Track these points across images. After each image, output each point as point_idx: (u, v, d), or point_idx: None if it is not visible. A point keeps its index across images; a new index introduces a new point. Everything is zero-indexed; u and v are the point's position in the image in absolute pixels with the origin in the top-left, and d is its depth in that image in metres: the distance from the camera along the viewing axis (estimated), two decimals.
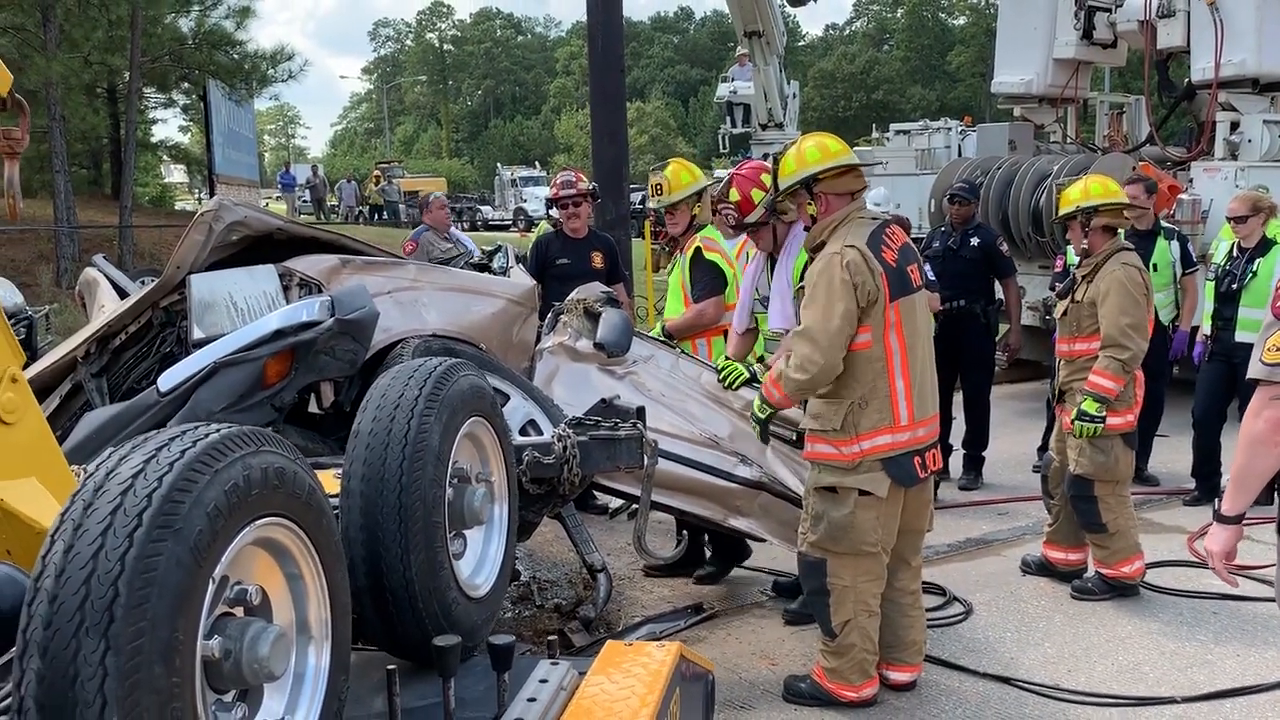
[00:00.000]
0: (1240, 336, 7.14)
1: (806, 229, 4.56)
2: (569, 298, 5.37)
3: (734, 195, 5.28)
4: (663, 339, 5.69)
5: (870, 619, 4.41)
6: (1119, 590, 5.65)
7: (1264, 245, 7.16)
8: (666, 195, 6.14)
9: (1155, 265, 7.64)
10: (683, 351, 5.45)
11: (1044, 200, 10.50)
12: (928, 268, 7.35)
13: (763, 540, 5.07)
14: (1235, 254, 7.30)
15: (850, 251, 4.22)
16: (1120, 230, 5.91)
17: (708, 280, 5.89)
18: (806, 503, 4.44)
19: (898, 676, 4.61)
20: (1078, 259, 5.89)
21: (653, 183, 6.33)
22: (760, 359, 5.46)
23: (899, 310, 4.27)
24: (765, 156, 17.09)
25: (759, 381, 5.11)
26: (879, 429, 4.27)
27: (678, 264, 6.20)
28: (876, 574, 4.39)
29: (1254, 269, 7.10)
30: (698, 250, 5.92)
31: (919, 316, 4.40)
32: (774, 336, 5.37)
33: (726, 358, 5.40)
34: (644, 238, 15.05)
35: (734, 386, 5.11)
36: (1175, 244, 7.91)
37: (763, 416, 4.52)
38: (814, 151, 4.43)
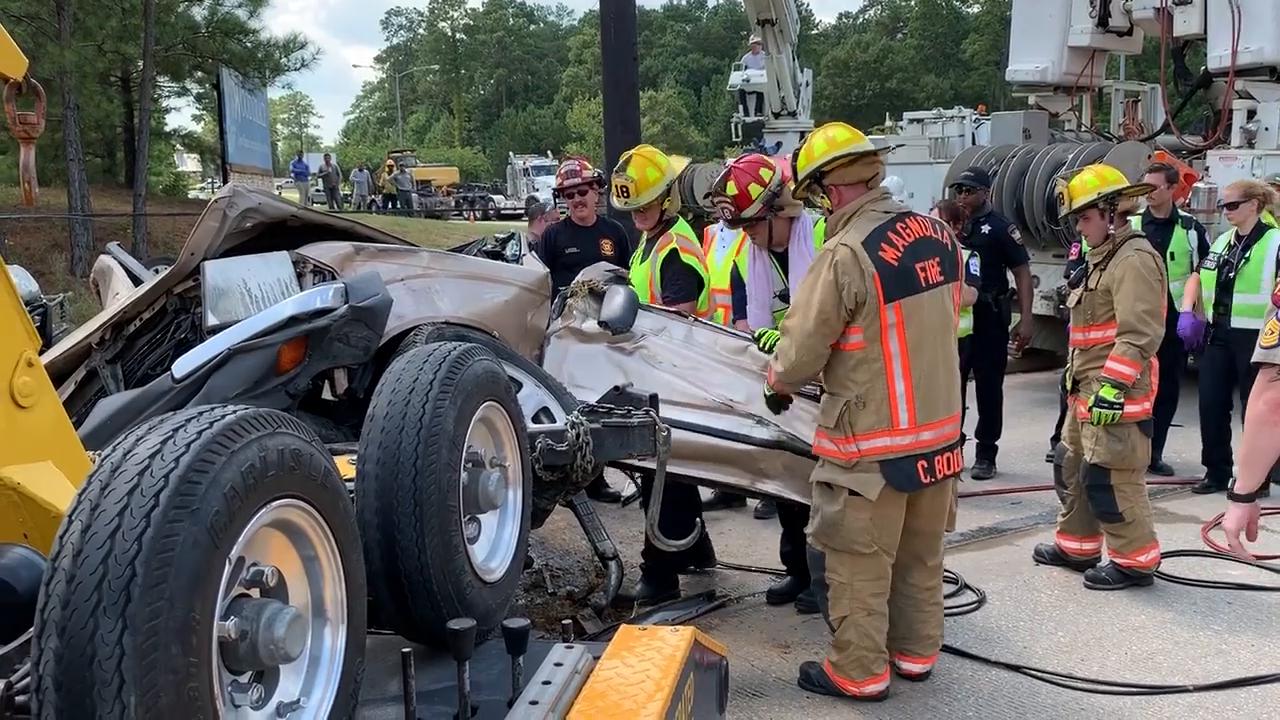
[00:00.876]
0: (1236, 322, 7.23)
1: (826, 219, 4.54)
2: (574, 280, 5.34)
3: (731, 189, 5.18)
4: (673, 310, 5.50)
5: (869, 618, 4.35)
6: (1133, 580, 5.64)
7: (1259, 231, 7.24)
8: (634, 197, 5.78)
9: (1172, 254, 7.63)
10: (697, 319, 5.35)
11: (1059, 189, 10.45)
12: (974, 262, 7.24)
13: (793, 502, 4.88)
14: (1233, 242, 7.37)
15: (842, 250, 4.16)
16: (1134, 217, 5.89)
17: (682, 284, 5.71)
18: (813, 494, 4.43)
19: (910, 667, 4.60)
20: (1091, 247, 5.85)
21: (617, 184, 5.86)
22: None
23: (900, 311, 4.16)
24: (778, 145, 17.09)
25: None
26: (875, 431, 4.20)
27: (639, 256, 5.94)
28: (875, 574, 4.33)
29: (1248, 255, 7.19)
30: (674, 252, 5.73)
31: (929, 316, 4.25)
32: None
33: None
34: None
35: (771, 349, 4.95)
36: (1193, 233, 7.89)
37: (769, 394, 4.56)
38: (820, 144, 4.38)
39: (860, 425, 4.21)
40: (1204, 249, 7.90)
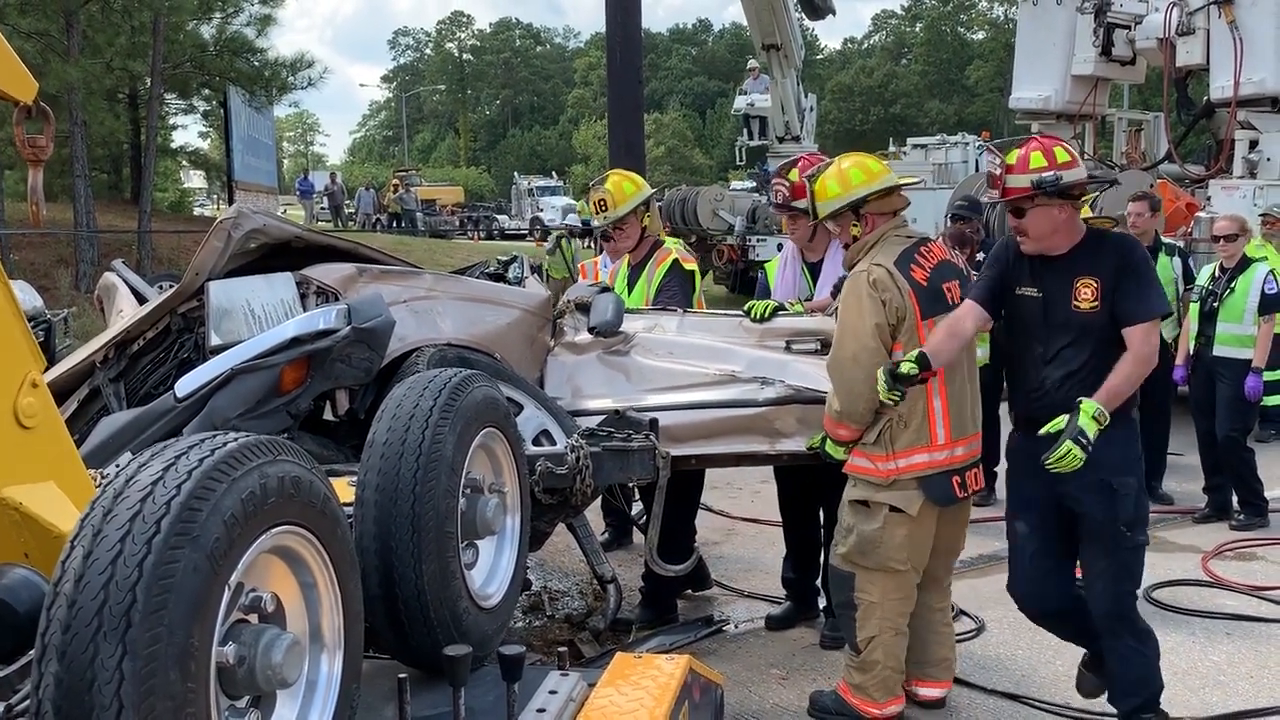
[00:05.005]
0: (1218, 351, 7.35)
1: (846, 247, 4.52)
2: (561, 301, 5.37)
3: (794, 175, 5.20)
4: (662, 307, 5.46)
5: (896, 638, 4.36)
6: None
7: (1244, 263, 7.38)
8: (612, 210, 5.61)
9: None
10: (686, 310, 5.34)
11: None
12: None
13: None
14: (1217, 274, 7.50)
15: (876, 269, 4.20)
16: None
17: (681, 289, 5.62)
18: (841, 515, 4.42)
19: (927, 692, 4.58)
20: None
21: (594, 199, 5.74)
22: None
23: (934, 329, 4.23)
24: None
25: (785, 310, 5.08)
26: (915, 448, 4.23)
27: (622, 282, 5.79)
28: (905, 593, 4.34)
29: (1233, 286, 7.32)
30: (676, 261, 5.68)
31: None
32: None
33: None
34: None
35: (766, 317, 4.98)
36: (1177, 260, 7.95)
37: (840, 456, 4.40)
38: (858, 173, 4.37)
39: (900, 443, 4.23)
40: (1188, 276, 7.97)
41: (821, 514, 5.40)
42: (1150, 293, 4.00)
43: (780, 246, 9.95)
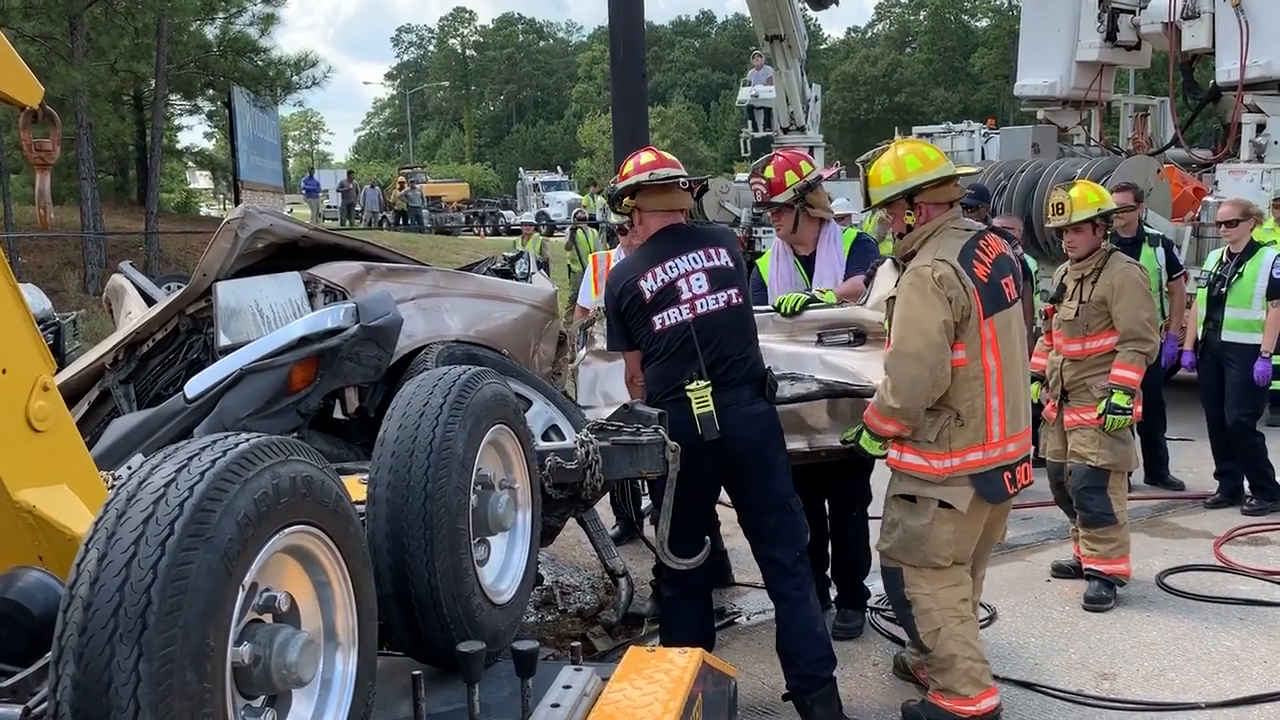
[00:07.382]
0: (1226, 336, 7.37)
1: (899, 236, 4.35)
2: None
3: (769, 173, 5.15)
4: None
5: (963, 625, 4.22)
6: (1119, 585, 5.68)
7: (1251, 249, 7.38)
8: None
9: None
10: None
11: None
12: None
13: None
14: (1225, 259, 7.50)
15: (941, 265, 4.08)
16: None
17: None
18: (885, 510, 4.34)
19: None
20: (1077, 260, 5.92)
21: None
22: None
23: (994, 326, 4.13)
24: None
25: (817, 301, 5.05)
26: (971, 446, 4.14)
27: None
28: (956, 580, 4.24)
29: (1241, 271, 7.33)
30: None
31: (1015, 331, 4.25)
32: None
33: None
34: None
35: (796, 311, 4.93)
36: (1160, 250, 7.94)
37: (877, 451, 4.35)
38: (914, 160, 4.23)
39: (958, 442, 4.13)
40: (1172, 265, 7.96)
41: (827, 505, 5.40)
42: None
43: None
